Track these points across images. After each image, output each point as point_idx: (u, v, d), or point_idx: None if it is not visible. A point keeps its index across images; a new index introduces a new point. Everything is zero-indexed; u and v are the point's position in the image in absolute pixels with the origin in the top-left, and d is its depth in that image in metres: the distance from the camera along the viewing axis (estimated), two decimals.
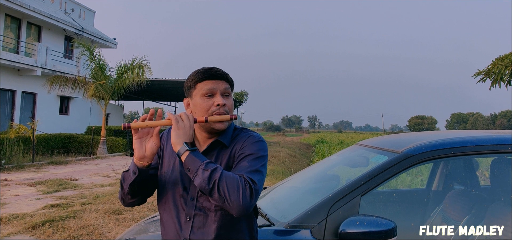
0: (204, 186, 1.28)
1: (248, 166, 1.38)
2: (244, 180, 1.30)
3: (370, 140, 2.78)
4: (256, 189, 1.32)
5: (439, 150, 2.04)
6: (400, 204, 2.69)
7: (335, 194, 1.93)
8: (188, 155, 1.32)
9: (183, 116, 1.39)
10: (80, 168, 11.40)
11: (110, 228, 4.97)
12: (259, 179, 1.36)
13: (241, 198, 1.27)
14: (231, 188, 1.27)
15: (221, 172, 1.29)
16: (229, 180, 1.28)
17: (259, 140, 1.48)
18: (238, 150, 1.45)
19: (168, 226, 1.49)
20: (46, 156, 13.37)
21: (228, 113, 1.47)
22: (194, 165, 1.30)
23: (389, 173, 1.98)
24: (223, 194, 1.27)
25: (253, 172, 1.36)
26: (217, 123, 1.44)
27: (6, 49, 17.14)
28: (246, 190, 1.29)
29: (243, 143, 1.46)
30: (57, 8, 20.53)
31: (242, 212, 1.29)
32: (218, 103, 1.44)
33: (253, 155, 1.42)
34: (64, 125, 19.54)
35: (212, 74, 1.47)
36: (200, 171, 1.29)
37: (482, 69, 12.33)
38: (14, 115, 17.59)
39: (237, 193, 1.27)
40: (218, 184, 1.27)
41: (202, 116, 1.43)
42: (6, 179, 8.83)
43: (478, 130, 2.64)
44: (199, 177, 1.29)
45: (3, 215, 5.51)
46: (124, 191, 1.47)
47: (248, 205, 1.28)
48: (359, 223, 1.77)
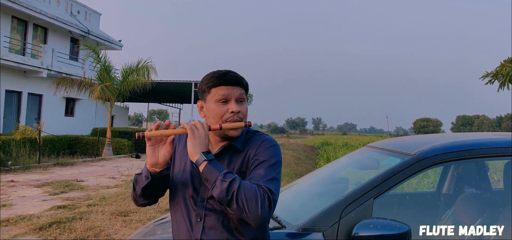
0: (222, 197, 1.28)
1: (265, 174, 1.36)
2: (262, 191, 1.30)
3: (380, 142, 2.76)
4: (274, 200, 1.32)
5: (453, 152, 2.02)
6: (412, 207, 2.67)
7: (348, 196, 1.92)
8: (206, 166, 1.31)
9: (198, 125, 1.38)
10: (86, 170, 11.43)
11: (117, 230, 4.97)
12: (276, 188, 1.36)
13: (260, 210, 1.26)
14: (250, 200, 1.26)
15: (239, 183, 1.28)
16: (248, 191, 1.27)
17: (273, 144, 1.47)
18: (252, 155, 1.44)
19: (180, 227, 1.49)
20: (52, 157, 13.44)
21: (242, 120, 1.46)
22: (213, 176, 1.30)
23: (402, 175, 1.96)
24: (242, 206, 1.26)
25: (270, 180, 1.35)
26: (231, 130, 1.43)
27: (13, 51, 17.26)
28: (265, 201, 1.28)
29: (257, 148, 1.44)
30: (63, 10, 20.66)
31: (260, 223, 1.29)
32: (233, 110, 1.43)
33: (268, 161, 1.40)
34: (70, 126, 19.62)
35: (227, 79, 1.45)
36: (219, 182, 1.28)
37: (490, 71, 12.25)
38: (20, 117, 17.69)
39: (255, 204, 1.26)
40: (237, 195, 1.26)
41: (216, 123, 1.42)
42: (13, 180, 8.87)
43: (489, 133, 2.61)
44: (218, 188, 1.28)
45: (10, 216, 5.53)
46: (136, 193, 1.49)
47: (267, 216, 1.28)
48: (372, 226, 1.76)
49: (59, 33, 20.03)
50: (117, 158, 15.14)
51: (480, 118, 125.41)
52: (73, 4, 21.58)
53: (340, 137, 58.18)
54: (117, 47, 24.19)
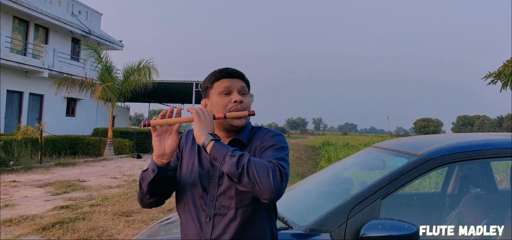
0: (233, 171, 1.26)
1: (272, 154, 1.38)
2: (273, 164, 1.29)
3: (385, 143, 2.76)
4: (286, 173, 1.31)
5: (460, 153, 2.01)
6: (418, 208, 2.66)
7: (355, 197, 1.91)
8: (214, 145, 1.31)
9: (203, 110, 1.39)
10: (88, 170, 11.44)
11: (119, 230, 4.97)
12: (286, 166, 1.35)
13: (272, 181, 1.25)
14: (261, 171, 1.25)
15: (248, 157, 1.28)
16: (258, 164, 1.27)
17: (278, 133, 1.49)
18: (258, 145, 1.45)
19: (189, 228, 1.48)
20: (54, 157, 13.45)
21: (245, 109, 1.47)
22: (221, 153, 1.29)
23: (409, 176, 1.95)
24: (253, 178, 1.24)
25: (279, 159, 1.36)
26: (235, 119, 1.45)
27: (14, 51, 17.27)
28: (276, 172, 1.27)
29: (262, 138, 1.47)
30: (64, 10, 20.68)
31: (273, 196, 1.26)
32: (236, 100, 1.45)
33: (274, 146, 1.42)
34: (71, 126, 19.63)
35: (229, 73, 1.49)
36: (228, 157, 1.27)
37: (492, 71, 12.24)
38: (22, 117, 17.71)
39: (267, 175, 1.25)
40: (247, 167, 1.25)
41: (220, 113, 1.43)
42: (15, 180, 8.87)
43: (494, 133, 2.61)
44: (227, 163, 1.27)
45: (13, 216, 5.53)
46: (143, 191, 1.48)
47: (280, 187, 1.26)
48: (380, 226, 1.75)
49: (60, 33, 20.04)
50: (119, 158, 15.15)
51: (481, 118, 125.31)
52: (74, 4, 21.60)
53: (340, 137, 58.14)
54: (118, 47, 24.20)
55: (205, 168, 1.47)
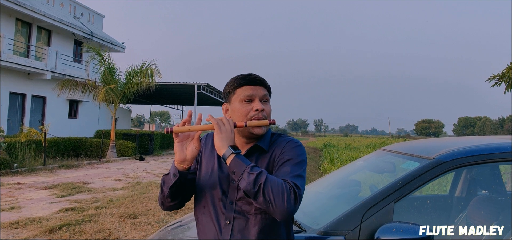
0: (249, 189, 1.29)
1: (290, 171, 1.39)
2: (289, 185, 1.32)
3: (395, 146, 2.77)
4: (300, 194, 1.34)
5: (472, 156, 2.03)
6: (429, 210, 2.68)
7: (368, 200, 1.92)
8: (234, 158, 1.33)
9: (224, 120, 1.41)
10: (91, 172, 11.45)
11: (126, 233, 4.98)
12: (302, 184, 1.38)
13: (286, 203, 1.28)
14: (276, 193, 1.28)
15: (266, 176, 1.30)
16: (274, 184, 1.29)
17: (298, 144, 1.50)
18: (278, 155, 1.47)
19: (207, 229, 1.50)
20: (57, 159, 13.46)
21: (266, 118, 1.49)
22: (240, 168, 1.32)
23: (422, 179, 1.97)
24: (268, 198, 1.28)
25: (296, 177, 1.38)
26: (256, 128, 1.46)
27: (17, 53, 17.33)
28: (291, 195, 1.30)
29: (282, 148, 1.48)
30: (66, 12, 20.72)
31: (285, 217, 1.30)
32: (257, 108, 1.47)
33: (293, 160, 1.43)
34: (73, 128, 19.67)
35: (251, 80, 1.50)
36: (246, 174, 1.30)
37: (496, 73, 12.23)
38: (24, 119, 17.76)
39: (282, 197, 1.28)
40: (264, 187, 1.28)
41: (241, 121, 1.45)
42: (19, 182, 8.89)
43: (503, 136, 2.62)
44: (245, 180, 1.30)
45: (20, 219, 5.55)
46: (164, 194, 1.50)
47: (292, 210, 1.30)
48: (395, 230, 1.76)
49: (62, 35, 20.10)
50: (122, 160, 15.17)
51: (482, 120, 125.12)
52: (77, 6, 21.65)
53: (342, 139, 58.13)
54: (120, 49, 24.25)
55: (225, 171, 1.49)
